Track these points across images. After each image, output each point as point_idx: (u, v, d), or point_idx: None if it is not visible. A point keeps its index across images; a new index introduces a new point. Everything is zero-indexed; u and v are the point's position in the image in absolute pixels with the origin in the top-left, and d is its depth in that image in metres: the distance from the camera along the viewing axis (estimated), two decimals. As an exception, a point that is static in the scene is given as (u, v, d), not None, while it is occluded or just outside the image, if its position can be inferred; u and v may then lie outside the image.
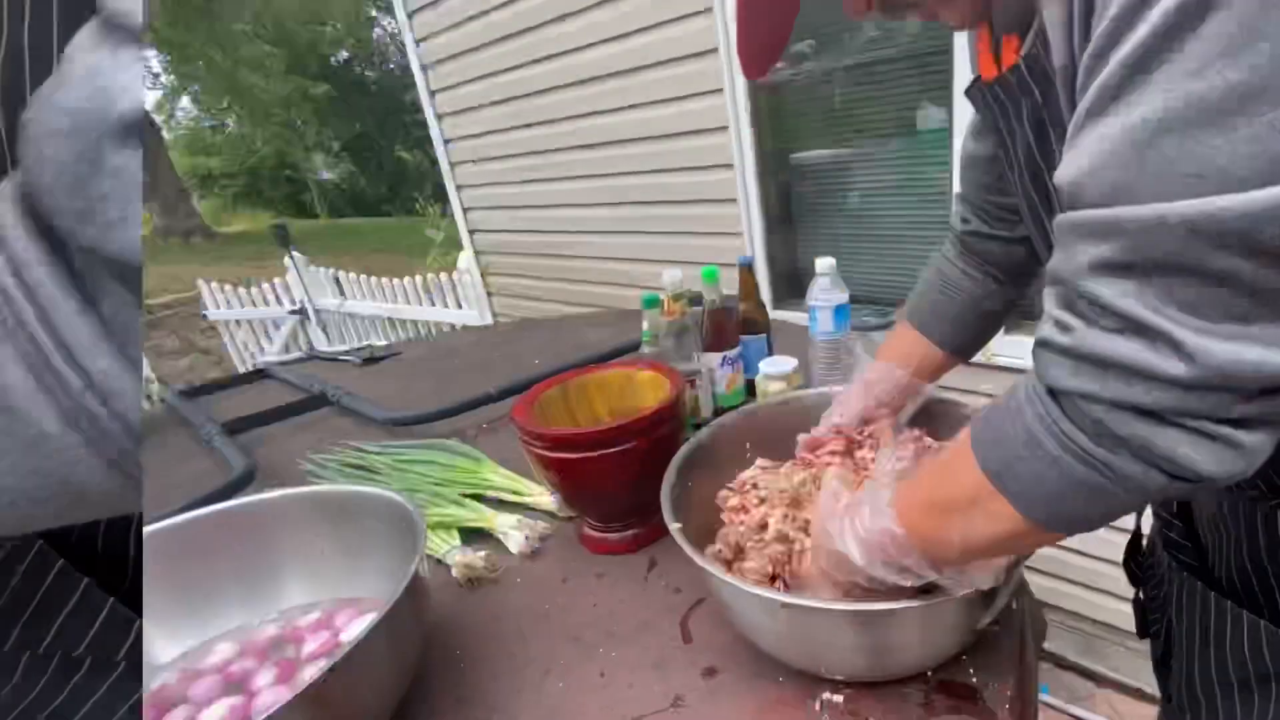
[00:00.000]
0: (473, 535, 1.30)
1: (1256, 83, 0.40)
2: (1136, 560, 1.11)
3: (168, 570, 1.00)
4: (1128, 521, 1.07)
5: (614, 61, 3.34)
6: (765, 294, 3.20)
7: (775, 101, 2.99)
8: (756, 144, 3.02)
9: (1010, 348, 2.43)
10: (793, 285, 3.22)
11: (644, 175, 3.51)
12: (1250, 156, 0.41)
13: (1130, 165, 0.46)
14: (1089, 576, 2.53)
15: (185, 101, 25.29)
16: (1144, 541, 1.10)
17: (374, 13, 24.44)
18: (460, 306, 5.63)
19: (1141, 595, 1.11)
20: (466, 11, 3.91)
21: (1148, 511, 1.06)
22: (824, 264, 1.53)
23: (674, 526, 0.91)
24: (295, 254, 6.53)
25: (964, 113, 2.28)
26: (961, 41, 2.20)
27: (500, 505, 1.37)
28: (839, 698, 0.85)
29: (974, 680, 0.85)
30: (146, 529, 1.00)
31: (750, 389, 1.63)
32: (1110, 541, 1.47)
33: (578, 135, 3.74)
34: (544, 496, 1.36)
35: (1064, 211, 0.53)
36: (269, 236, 6.41)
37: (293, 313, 6.86)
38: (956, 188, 1.15)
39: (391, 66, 26.58)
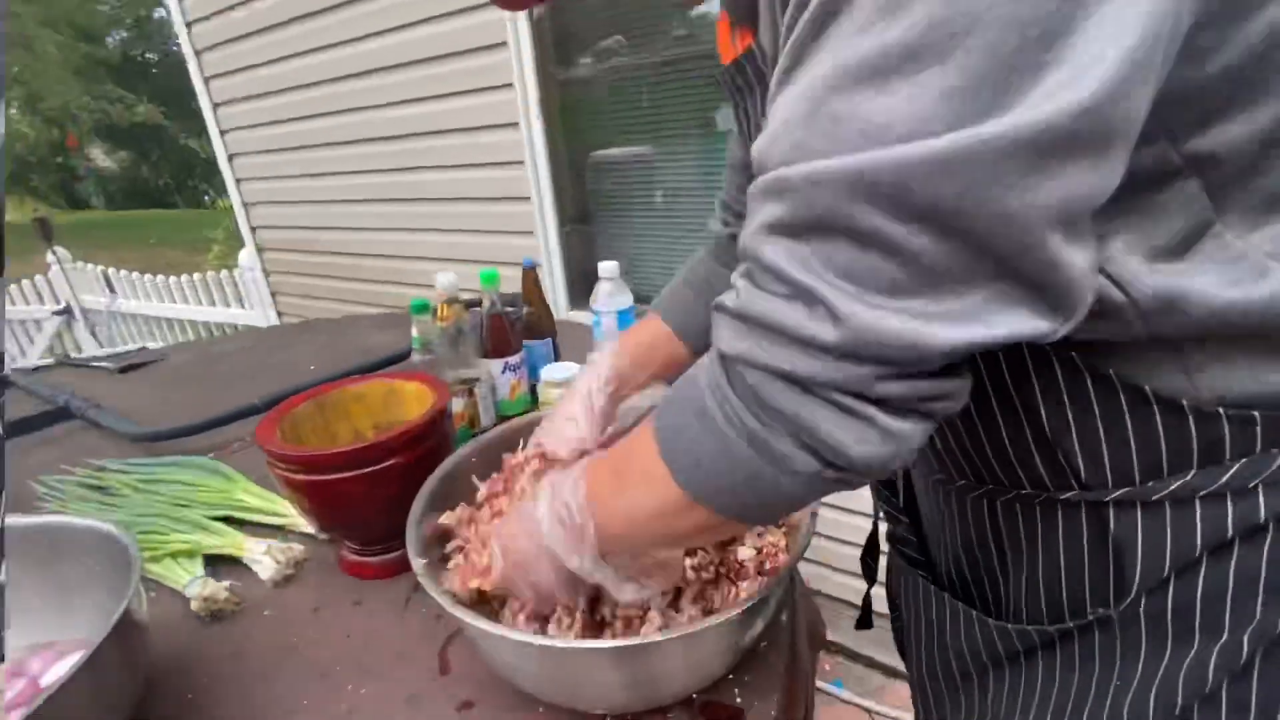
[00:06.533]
0: (221, 563, 1.19)
1: (913, 41, 0.40)
2: (874, 556, 1.11)
3: None
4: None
5: (399, 52, 3.23)
6: (561, 295, 3.17)
7: (574, 99, 2.95)
8: (549, 140, 2.97)
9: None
10: (590, 286, 3.16)
11: (432, 171, 3.42)
12: (907, 115, 0.41)
13: (807, 124, 0.45)
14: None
15: (-61, 86, 23.62)
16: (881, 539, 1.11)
17: (153, -9, 23.25)
18: (243, 306, 5.33)
19: (870, 592, 1.14)
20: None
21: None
22: (606, 268, 1.51)
23: (419, 564, 0.83)
24: (58, 249, 6.05)
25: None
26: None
27: (257, 528, 1.26)
28: (600, 728, 0.82)
29: (739, 701, 0.84)
30: None
31: (535, 395, 1.57)
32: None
33: (362, 128, 3.61)
34: (302, 518, 1.26)
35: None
36: (31, 229, 5.88)
37: (57, 313, 6.34)
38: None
39: (175, 48, 25.31)
